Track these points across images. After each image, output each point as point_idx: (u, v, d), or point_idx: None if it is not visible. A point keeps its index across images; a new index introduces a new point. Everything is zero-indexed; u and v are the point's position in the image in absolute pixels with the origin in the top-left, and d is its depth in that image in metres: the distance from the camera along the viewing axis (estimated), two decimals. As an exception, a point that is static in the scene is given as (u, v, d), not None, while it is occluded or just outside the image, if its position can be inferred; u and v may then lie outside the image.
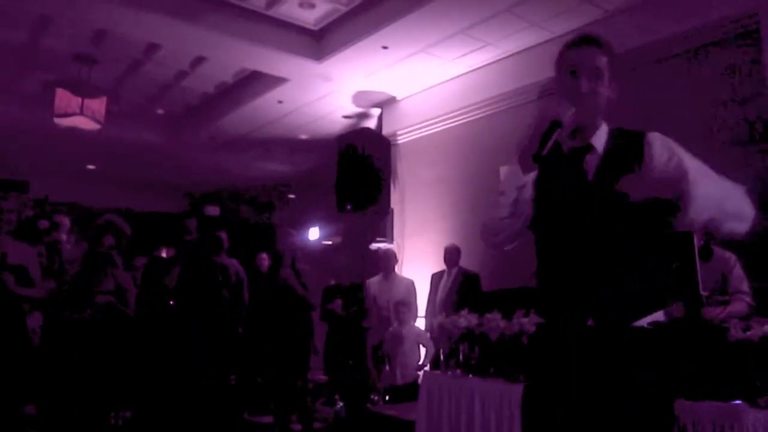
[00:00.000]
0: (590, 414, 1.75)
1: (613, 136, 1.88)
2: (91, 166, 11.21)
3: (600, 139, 1.87)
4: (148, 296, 4.91)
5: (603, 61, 1.85)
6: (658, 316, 1.84)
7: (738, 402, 2.50)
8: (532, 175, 1.86)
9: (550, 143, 1.71)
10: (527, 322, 3.38)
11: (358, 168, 4.87)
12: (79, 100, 7.03)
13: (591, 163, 1.84)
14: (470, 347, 3.73)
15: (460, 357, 3.79)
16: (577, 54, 1.87)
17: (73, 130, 7.52)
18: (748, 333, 2.52)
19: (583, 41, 1.89)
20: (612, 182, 1.76)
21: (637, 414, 1.72)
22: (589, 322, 1.78)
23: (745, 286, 3.58)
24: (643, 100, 5.50)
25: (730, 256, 3.68)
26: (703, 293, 2.85)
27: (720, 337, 2.67)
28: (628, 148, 1.83)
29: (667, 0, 5.50)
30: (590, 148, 1.85)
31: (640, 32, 5.61)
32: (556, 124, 1.72)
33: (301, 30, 6.75)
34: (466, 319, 3.74)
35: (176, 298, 4.80)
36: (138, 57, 7.41)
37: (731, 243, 4.21)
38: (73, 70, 7.32)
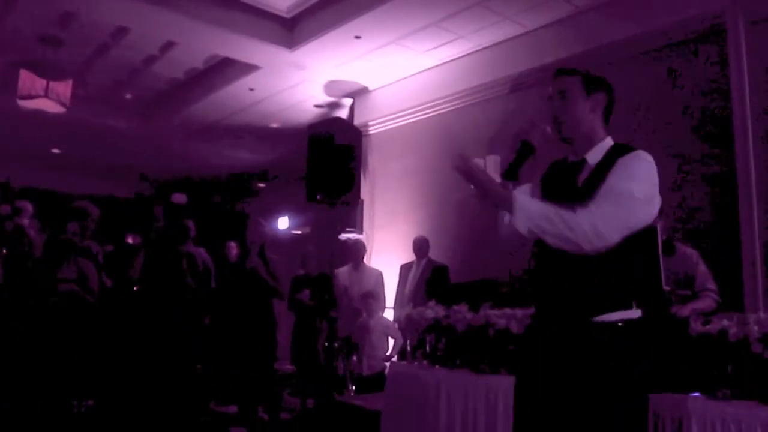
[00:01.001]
0: (570, 410, 1.91)
1: (610, 151, 2.05)
2: (56, 150, 10.98)
3: (597, 153, 2.06)
4: (113, 283, 4.84)
5: (570, 82, 2.08)
6: (634, 313, 1.94)
7: (696, 394, 2.56)
8: (524, 188, 2.10)
9: (521, 164, 2.04)
10: (493, 313, 3.41)
11: (330, 158, 4.83)
12: (44, 82, 6.87)
13: (583, 175, 2.04)
14: (437, 338, 3.76)
15: (427, 348, 3.81)
16: (550, 86, 2.12)
17: (38, 113, 7.35)
18: (708, 326, 2.58)
19: (552, 75, 2.14)
20: (594, 191, 1.94)
21: (613, 410, 1.86)
22: (561, 317, 1.98)
23: (711, 284, 3.65)
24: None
25: (692, 252, 3.76)
26: (665, 288, 2.91)
27: (682, 330, 2.73)
28: (612, 161, 1.99)
29: (638, -2, 5.57)
30: (584, 162, 2.06)
31: (608, 29, 5.67)
32: (524, 145, 2.03)
33: (273, 17, 6.69)
34: (433, 310, 3.76)
35: (141, 285, 4.74)
36: (106, 40, 7.26)
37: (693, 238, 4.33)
38: (38, 52, 7.14)
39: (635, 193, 1.89)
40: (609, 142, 2.08)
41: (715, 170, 5.00)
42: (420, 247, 6.34)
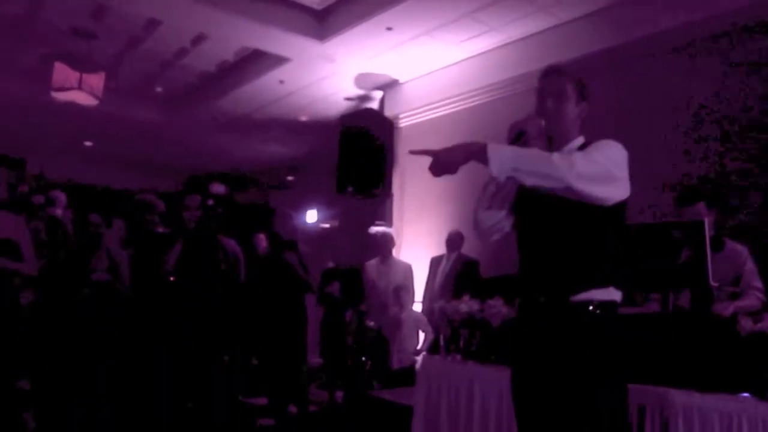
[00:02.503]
0: (551, 396, 2.01)
1: (581, 145, 2.17)
2: (88, 143, 11.10)
3: (570, 149, 2.16)
4: (146, 272, 4.85)
5: (566, 84, 2.18)
6: (612, 295, 2.03)
7: (746, 395, 2.47)
8: None
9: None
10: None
11: (361, 150, 4.77)
12: (78, 74, 6.93)
13: None
14: (471, 333, 3.69)
15: (461, 343, 3.75)
16: (544, 81, 2.22)
17: (71, 106, 7.42)
18: (759, 325, 2.48)
19: (549, 72, 2.23)
20: None
21: (591, 395, 1.94)
22: (542, 299, 2.08)
23: (756, 281, 3.52)
24: (643, 89, 5.46)
25: (743, 249, 3.62)
26: (713, 284, 2.81)
27: (729, 329, 2.63)
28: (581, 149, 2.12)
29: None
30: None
31: (646, 21, 5.53)
32: (520, 134, 2.08)
33: (304, 9, 6.66)
34: (467, 304, 3.69)
35: (177, 275, 4.73)
36: (138, 33, 7.29)
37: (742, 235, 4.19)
38: (72, 44, 7.21)
39: (611, 158, 1.98)
40: (580, 140, 2.21)
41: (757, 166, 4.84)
42: (453, 240, 6.26)
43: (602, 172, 1.93)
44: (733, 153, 4.96)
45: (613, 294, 2.03)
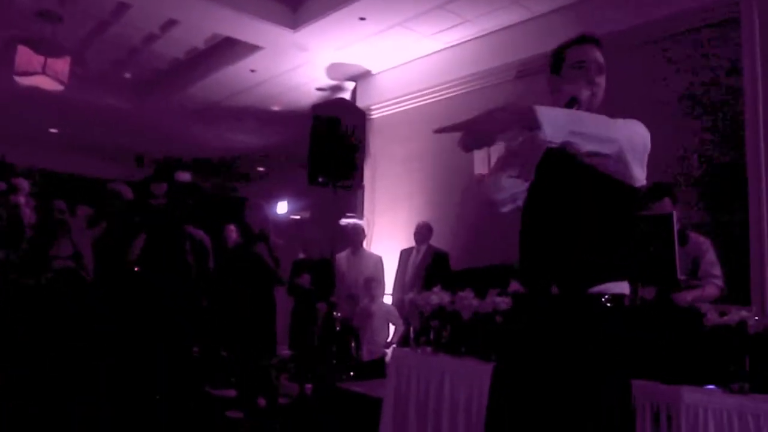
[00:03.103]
0: (555, 388, 1.86)
1: None
2: (53, 130, 10.85)
3: None
4: (110, 261, 4.75)
5: (602, 58, 2.09)
6: (623, 288, 1.92)
7: (712, 387, 2.50)
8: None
9: None
10: (501, 301, 3.33)
11: (333, 140, 4.73)
12: (42, 58, 6.72)
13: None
14: (442, 325, 3.68)
15: (431, 335, 3.74)
16: (583, 50, 2.08)
17: (35, 91, 7.22)
18: (724, 318, 2.51)
19: (586, 40, 2.09)
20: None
21: (598, 390, 1.82)
22: (554, 290, 1.91)
23: (716, 270, 3.58)
24: (619, 83, 5.50)
25: (705, 241, 3.68)
26: (681, 278, 2.84)
27: (695, 322, 2.66)
28: None
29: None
30: None
31: (617, 16, 5.57)
32: (574, 101, 1.93)
33: (277, -4, 6.57)
34: (438, 296, 3.68)
35: (142, 265, 4.65)
36: (105, 17, 7.12)
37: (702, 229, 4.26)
38: (36, 27, 7.01)
39: (645, 137, 1.90)
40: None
41: (724, 162, 4.91)
42: (421, 232, 6.25)
43: (641, 148, 1.86)
44: (701, 146, 5.03)
45: (625, 287, 1.93)
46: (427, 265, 6.12)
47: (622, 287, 1.92)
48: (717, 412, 2.37)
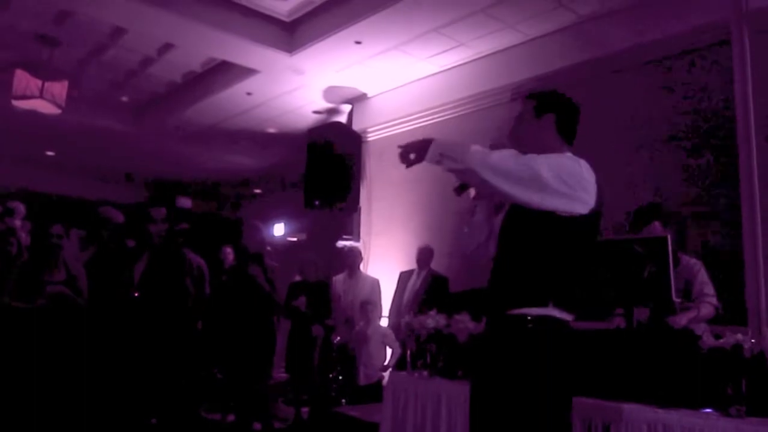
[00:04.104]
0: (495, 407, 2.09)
1: None
2: (50, 153, 10.87)
3: None
4: (106, 286, 4.73)
5: (527, 105, 2.33)
6: (551, 312, 2.08)
7: (708, 410, 2.49)
8: (483, 202, 2.40)
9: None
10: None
11: (329, 163, 4.76)
12: (39, 82, 6.77)
13: None
14: (438, 348, 3.66)
15: (428, 358, 3.72)
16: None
17: (32, 114, 7.24)
18: (720, 341, 2.50)
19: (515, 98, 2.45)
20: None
21: (528, 407, 2.01)
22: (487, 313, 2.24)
23: (709, 289, 3.59)
24: (612, 106, 5.55)
25: (696, 262, 3.69)
26: (676, 300, 2.84)
27: (691, 344, 2.65)
28: None
29: (640, 9, 5.51)
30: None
31: (610, 39, 5.64)
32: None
33: (273, 20, 6.62)
34: (434, 319, 3.67)
35: (141, 290, 4.62)
36: (103, 41, 7.18)
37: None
38: (34, 51, 7.05)
39: (551, 166, 2.02)
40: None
41: (718, 181, 4.94)
42: (424, 256, 6.24)
43: (525, 173, 1.99)
44: (695, 168, 5.06)
45: (552, 311, 2.08)
46: (426, 289, 6.10)
47: (550, 311, 2.08)
48: (714, 436, 2.36)
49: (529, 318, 2.06)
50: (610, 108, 5.55)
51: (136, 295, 4.83)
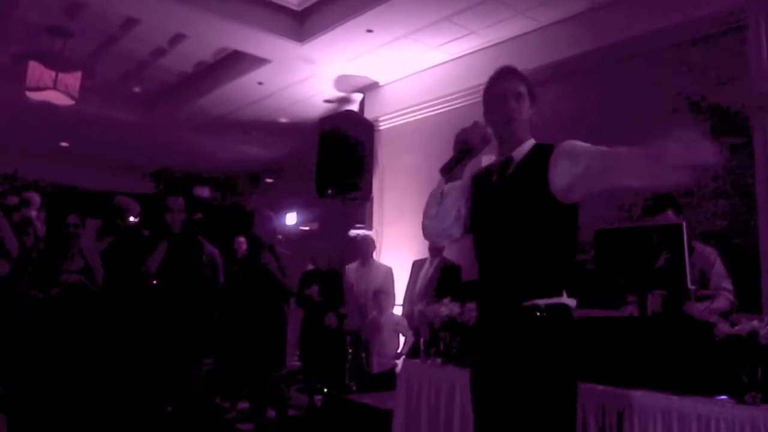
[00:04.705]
0: (504, 396, 2.08)
1: (533, 149, 2.22)
2: (64, 144, 10.94)
3: (521, 151, 2.23)
4: (123, 275, 4.77)
5: (522, 86, 2.25)
6: (565, 300, 2.09)
7: (724, 398, 2.49)
8: (455, 184, 2.29)
9: (458, 163, 2.25)
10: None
11: (341, 152, 4.76)
12: (53, 73, 6.81)
13: (510, 169, 2.22)
14: (451, 336, 3.68)
15: (441, 346, 3.73)
16: (504, 82, 2.27)
17: (46, 105, 7.30)
18: (736, 328, 2.50)
19: (506, 73, 2.29)
20: (518, 186, 2.17)
21: (538, 395, 2.00)
22: (496, 303, 2.16)
23: (727, 284, 3.57)
24: (626, 93, 5.52)
25: (711, 251, 3.67)
26: (691, 287, 2.83)
27: (705, 332, 2.65)
28: (537, 157, 2.17)
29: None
30: (510, 159, 2.23)
31: (624, 26, 5.58)
32: (466, 149, 2.21)
33: (284, 10, 6.61)
34: (448, 307, 3.68)
35: (159, 278, 4.66)
36: (114, 32, 7.20)
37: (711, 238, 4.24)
38: (47, 42, 7.09)
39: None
40: (531, 141, 2.26)
41: (732, 171, 4.90)
42: (436, 245, 6.24)
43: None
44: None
45: (566, 300, 2.09)
46: (439, 278, 6.10)
47: (562, 300, 2.08)
48: (729, 423, 2.36)
49: (543, 308, 2.05)
50: (622, 96, 5.52)
51: (154, 283, 4.87)
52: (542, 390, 1.99)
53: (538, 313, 2.04)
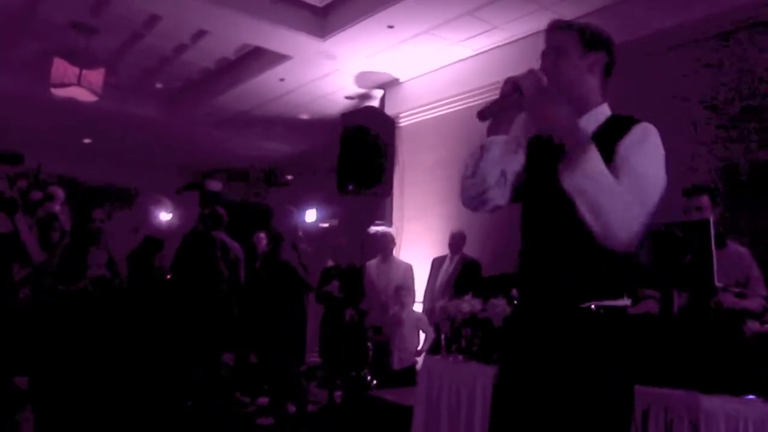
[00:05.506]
0: (553, 397, 1.77)
1: (608, 121, 1.87)
2: (87, 140, 11.06)
3: (591, 120, 1.86)
4: (144, 270, 4.82)
5: (565, 37, 1.88)
6: (624, 302, 1.81)
7: (752, 397, 2.44)
8: (498, 139, 1.90)
9: (499, 105, 1.83)
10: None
11: (363, 147, 4.74)
12: (77, 70, 6.88)
13: None
14: (473, 333, 3.65)
15: (462, 342, 3.71)
16: (545, 42, 1.93)
17: (70, 102, 7.38)
18: (765, 326, 2.45)
19: (547, 30, 1.95)
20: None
21: (592, 398, 1.72)
22: (548, 303, 1.83)
23: (762, 290, 3.50)
24: (650, 87, 5.44)
25: (746, 252, 3.59)
26: (718, 285, 2.78)
27: (734, 330, 2.60)
28: (613, 131, 1.80)
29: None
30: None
31: (651, 19, 5.51)
32: (514, 90, 1.78)
33: (305, 6, 6.62)
34: (469, 303, 3.65)
35: (173, 272, 4.70)
36: (138, 29, 7.26)
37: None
38: (71, 39, 7.16)
39: (658, 177, 1.72)
40: (606, 110, 1.90)
41: (758, 166, 4.82)
42: (456, 241, 6.21)
43: (647, 200, 1.70)
44: (735, 149, 4.94)
45: (625, 302, 1.82)
46: (459, 274, 6.08)
47: (622, 302, 1.82)
48: (758, 423, 2.31)
49: (602, 311, 1.77)
50: (646, 90, 5.44)
51: (168, 277, 4.90)
52: (594, 396, 1.73)
53: (596, 317, 1.77)
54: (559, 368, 1.78)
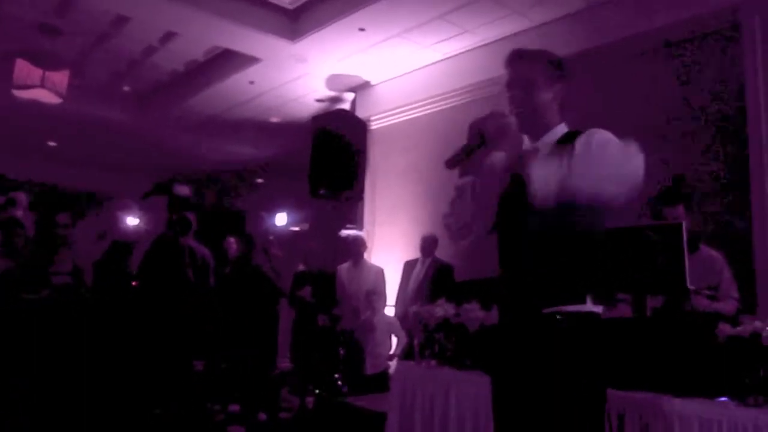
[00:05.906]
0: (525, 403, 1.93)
1: (564, 136, 2.00)
2: (52, 143, 10.82)
3: (549, 139, 2.01)
4: (109, 277, 4.71)
5: (535, 70, 2.02)
6: (589, 307, 1.92)
7: (725, 399, 2.45)
8: (467, 180, 2.09)
9: (468, 155, 1.97)
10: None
11: (334, 151, 4.70)
12: (40, 71, 6.73)
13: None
14: (446, 338, 3.62)
15: (436, 347, 3.68)
16: (509, 69, 2.08)
17: (33, 104, 7.20)
18: (737, 329, 2.46)
19: (513, 58, 2.09)
20: None
21: (565, 401, 1.85)
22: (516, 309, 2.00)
23: (734, 292, 3.55)
24: (619, 92, 5.49)
25: (719, 255, 3.63)
26: (690, 287, 2.79)
27: (707, 333, 2.61)
28: (568, 140, 1.93)
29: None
30: (536, 149, 1.98)
31: (619, 25, 5.56)
32: (478, 137, 1.95)
33: (275, 8, 6.56)
34: (443, 308, 3.63)
35: (140, 279, 4.60)
36: (105, 30, 7.12)
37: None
38: (36, 40, 6.99)
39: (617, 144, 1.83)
40: (563, 128, 2.04)
41: (726, 170, 4.89)
42: (428, 244, 6.18)
43: (618, 161, 1.82)
44: (706, 155, 5.01)
45: (589, 306, 1.92)
46: (432, 278, 6.05)
47: (586, 307, 1.92)
48: (731, 425, 2.32)
49: (564, 316, 1.88)
50: (618, 95, 5.49)
51: (134, 284, 4.80)
52: (564, 402, 1.84)
53: (558, 322, 1.88)
54: (535, 374, 1.91)
